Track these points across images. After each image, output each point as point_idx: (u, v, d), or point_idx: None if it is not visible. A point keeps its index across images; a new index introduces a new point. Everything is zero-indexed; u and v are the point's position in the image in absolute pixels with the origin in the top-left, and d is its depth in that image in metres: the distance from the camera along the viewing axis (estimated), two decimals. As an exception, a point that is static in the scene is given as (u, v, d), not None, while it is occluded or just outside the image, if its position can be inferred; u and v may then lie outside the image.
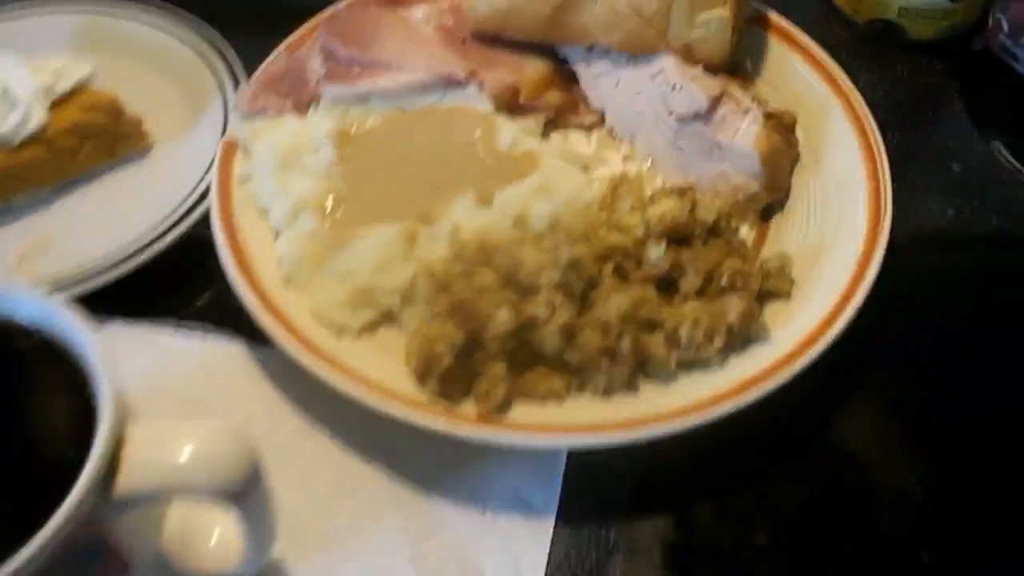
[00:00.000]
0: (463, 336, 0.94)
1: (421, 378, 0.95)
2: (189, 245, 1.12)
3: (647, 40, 1.15)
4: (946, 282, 1.13)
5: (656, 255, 1.00)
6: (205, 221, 1.10)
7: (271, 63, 1.22)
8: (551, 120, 1.21)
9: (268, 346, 1.00)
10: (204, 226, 1.10)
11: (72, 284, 1.06)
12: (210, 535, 0.84)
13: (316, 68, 1.19)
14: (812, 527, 0.95)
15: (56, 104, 1.18)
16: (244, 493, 0.71)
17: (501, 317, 0.94)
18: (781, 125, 1.12)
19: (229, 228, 1.07)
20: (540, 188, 1.07)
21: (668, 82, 1.14)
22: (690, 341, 0.95)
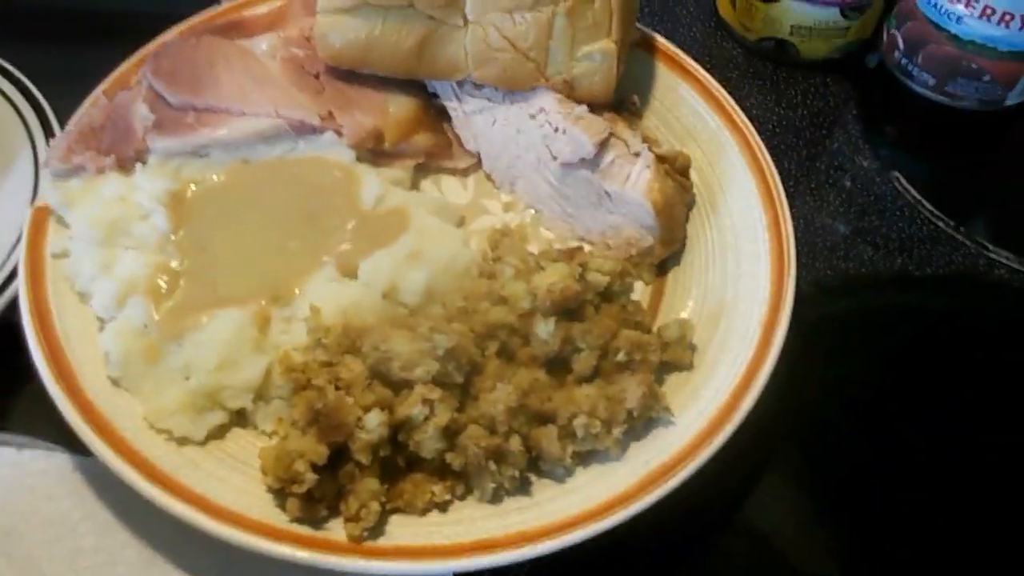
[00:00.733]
0: (327, 450, 0.81)
1: (279, 497, 0.82)
2: (-4, 335, 0.95)
3: (524, 75, 1.02)
4: (852, 332, 1.06)
5: (545, 332, 0.89)
6: (14, 306, 0.93)
7: (88, 110, 1.04)
8: (421, 164, 1.08)
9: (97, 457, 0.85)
10: (13, 311, 0.93)
11: None
12: None
13: (143, 116, 1.01)
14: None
15: None
16: None
17: (371, 423, 0.81)
18: (675, 169, 1.02)
19: (42, 318, 0.91)
20: (412, 254, 0.94)
21: (550, 123, 1.02)
22: (587, 432, 0.85)
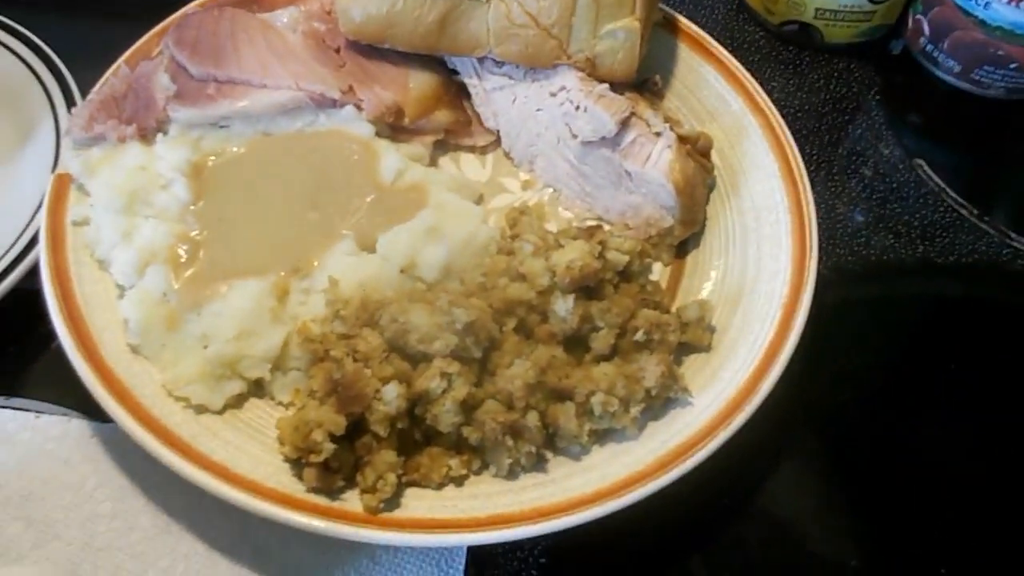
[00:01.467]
0: (345, 420, 0.80)
1: (296, 467, 0.82)
2: (16, 302, 0.95)
3: (546, 52, 1.01)
4: (873, 319, 1.05)
5: (564, 310, 0.88)
6: (35, 273, 0.93)
7: (109, 80, 1.03)
8: (440, 140, 1.08)
9: (114, 423, 0.85)
10: (34, 279, 0.93)
11: None
12: None
13: (164, 86, 1.01)
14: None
15: None
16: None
17: (389, 395, 0.81)
18: (696, 149, 1.01)
19: (62, 284, 0.91)
20: (430, 230, 0.94)
21: (571, 101, 1.01)
22: (604, 410, 0.85)
